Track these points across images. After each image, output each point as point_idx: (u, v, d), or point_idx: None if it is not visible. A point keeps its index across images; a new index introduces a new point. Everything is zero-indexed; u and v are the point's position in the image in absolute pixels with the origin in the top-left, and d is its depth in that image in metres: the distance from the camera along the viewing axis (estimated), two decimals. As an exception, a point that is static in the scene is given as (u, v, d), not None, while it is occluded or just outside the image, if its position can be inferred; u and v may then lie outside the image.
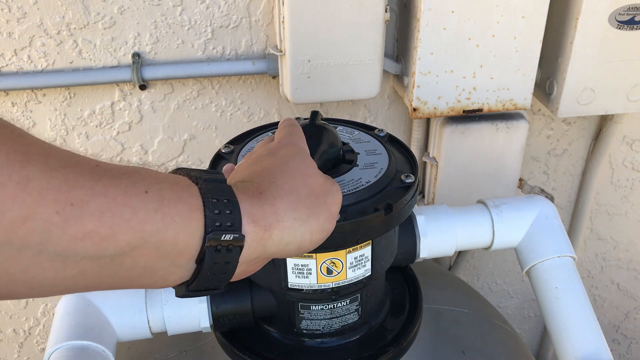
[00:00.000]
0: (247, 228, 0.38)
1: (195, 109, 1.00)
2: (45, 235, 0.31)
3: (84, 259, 0.33)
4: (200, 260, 0.37)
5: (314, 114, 0.55)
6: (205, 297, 0.58)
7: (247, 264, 0.40)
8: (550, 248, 0.66)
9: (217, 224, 0.36)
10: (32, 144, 0.33)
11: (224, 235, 0.36)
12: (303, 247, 0.42)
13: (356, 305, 0.58)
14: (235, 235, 0.37)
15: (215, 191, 0.37)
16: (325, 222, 0.43)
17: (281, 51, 0.88)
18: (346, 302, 0.57)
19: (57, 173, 0.32)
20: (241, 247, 0.38)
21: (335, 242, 0.51)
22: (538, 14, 0.87)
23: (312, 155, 0.48)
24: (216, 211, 0.36)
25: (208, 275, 0.38)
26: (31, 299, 1.14)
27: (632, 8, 0.87)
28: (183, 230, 0.35)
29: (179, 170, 0.39)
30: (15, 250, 0.31)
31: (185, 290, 0.38)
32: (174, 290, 0.40)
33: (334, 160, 0.55)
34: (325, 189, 0.44)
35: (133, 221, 0.33)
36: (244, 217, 0.38)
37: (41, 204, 0.31)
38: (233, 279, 0.40)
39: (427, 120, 1.03)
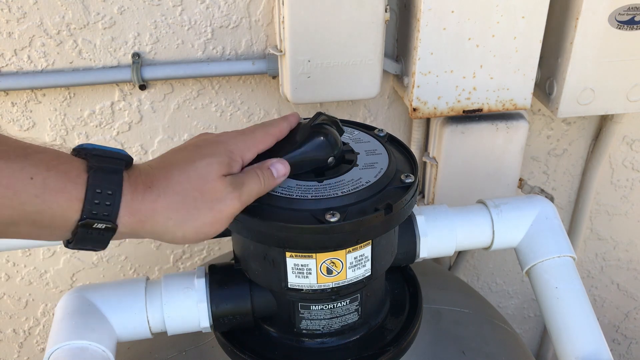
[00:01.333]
0: (123, 219, 0.44)
1: (195, 109, 1.00)
2: None
3: None
4: (74, 234, 0.44)
5: (317, 115, 0.55)
6: (205, 297, 0.58)
7: (121, 236, 0.46)
8: (550, 248, 0.66)
9: (94, 212, 0.43)
10: None
11: (96, 223, 0.43)
12: (175, 241, 0.48)
13: (356, 305, 0.58)
14: (108, 224, 0.43)
15: (103, 183, 0.43)
16: (203, 226, 0.47)
17: (281, 51, 0.88)
18: (346, 302, 0.57)
19: None
20: (114, 230, 0.44)
21: (335, 242, 0.51)
22: (538, 14, 0.87)
23: (285, 154, 0.52)
24: (96, 201, 0.43)
25: (83, 242, 0.44)
26: (31, 300, 1.14)
27: (632, 8, 0.87)
28: (60, 214, 0.42)
29: (81, 151, 0.45)
30: None
31: (66, 243, 0.45)
32: (173, 291, 0.42)
33: (314, 165, 0.54)
34: (219, 196, 0.47)
35: (14, 201, 0.40)
36: (122, 209, 0.44)
37: None
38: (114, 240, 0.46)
39: (427, 120, 1.03)
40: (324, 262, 0.53)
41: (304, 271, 0.53)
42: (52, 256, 1.10)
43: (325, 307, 0.57)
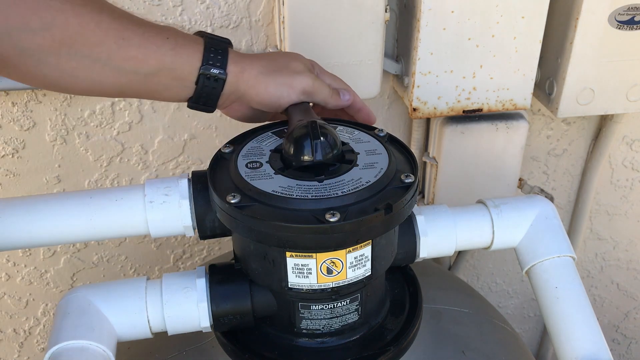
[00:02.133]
0: (230, 67, 0.59)
1: (195, 109, 1.00)
2: (107, 54, 0.54)
3: (130, 73, 0.55)
4: (197, 82, 0.58)
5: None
6: (205, 297, 0.58)
7: (227, 96, 0.61)
8: (550, 248, 0.66)
9: (211, 61, 0.58)
10: (105, 3, 0.55)
11: (212, 69, 0.58)
12: (258, 97, 0.62)
13: (356, 305, 0.58)
14: (220, 71, 0.58)
15: (215, 44, 0.59)
16: (282, 85, 0.61)
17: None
18: (346, 302, 0.58)
19: (117, 20, 0.54)
20: (224, 80, 0.59)
21: (335, 242, 0.51)
22: (538, 14, 0.87)
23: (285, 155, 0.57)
24: (211, 55, 0.58)
25: (202, 95, 0.59)
26: (31, 299, 1.14)
27: (632, 8, 0.87)
28: (187, 62, 0.57)
29: (198, 33, 0.61)
30: (93, 61, 0.54)
31: (189, 103, 0.61)
32: (173, 291, 0.42)
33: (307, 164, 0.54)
34: (298, 71, 0.63)
35: (157, 53, 0.56)
36: (230, 59, 0.59)
37: (107, 36, 0.53)
38: (219, 108, 0.63)
39: (427, 120, 1.03)
40: (324, 262, 0.53)
41: (304, 271, 0.53)
42: (53, 256, 1.10)
43: (325, 307, 0.57)
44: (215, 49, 0.59)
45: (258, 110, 0.65)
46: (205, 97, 0.60)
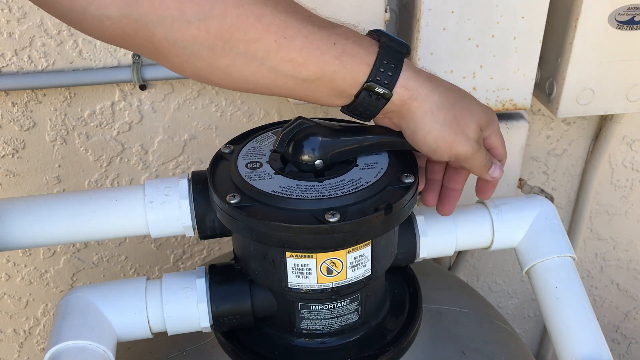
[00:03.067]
0: (398, 89, 0.51)
1: (195, 109, 1.00)
2: (265, 53, 0.48)
3: (286, 76, 0.50)
4: (357, 95, 0.52)
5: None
6: (205, 297, 0.58)
7: (385, 113, 0.54)
8: (550, 248, 0.66)
9: (378, 78, 0.51)
10: (267, 1, 0.48)
11: (377, 87, 0.51)
12: (415, 136, 0.54)
13: (356, 305, 0.58)
14: (386, 91, 0.51)
15: (389, 56, 0.51)
16: (442, 138, 0.53)
17: (281, 51, 0.88)
18: (346, 302, 0.57)
19: (280, 15, 0.48)
20: (387, 99, 0.52)
21: (335, 242, 0.51)
22: (538, 14, 0.87)
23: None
24: (381, 69, 0.51)
25: (359, 107, 0.53)
26: (31, 299, 1.14)
27: (632, 8, 0.87)
28: (351, 75, 0.51)
29: (375, 33, 0.53)
30: (249, 59, 0.49)
31: (344, 110, 0.54)
32: (173, 291, 0.41)
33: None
34: (468, 133, 0.55)
35: (319, 59, 0.49)
36: (401, 80, 0.51)
37: (267, 33, 0.48)
38: (374, 121, 0.56)
39: (427, 120, 1.03)
40: (324, 262, 0.53)
41: (304, 271, 0.53)
42: (52, 256, 1.10)
43: (325, 307, 0.57)
44: (388, 61, 0.51)
45: None
46: (361, 110, 0.53)
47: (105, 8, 0.45)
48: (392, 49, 0.52)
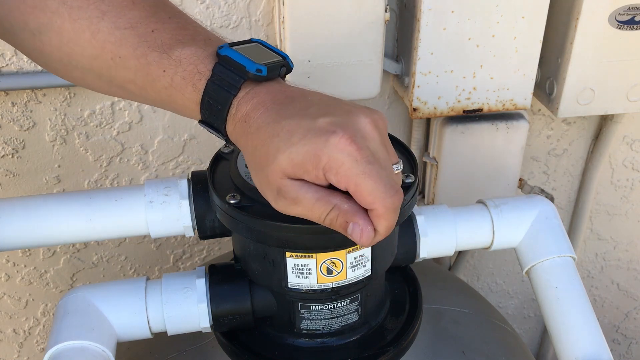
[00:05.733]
0: (229, 131, 0.47)
1: (195, 109, 0.99)
2: (106, 71, 0.46)
3: (132, 94, 0.48)
4: (200, 121, 0.48)
5: None
6: (205, 297, 0.58)
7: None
8: (550, 248, 0.66)
9: (209, 120, 0.47)
10: (114, 3, 0.45)
11: (211, 130, 0.47)
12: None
13: (356, 305, 0.58)
14: (218, 134, 0.47)
15: (215, 96, 0.45)
16: (259, 184, 0.46)
17: (281, 51, 0.88)
18: (346, 302, 0.57)
19: (118, 30, 0.44)
20: (227, 137, 0.47)
21: (335, 242, 0.51)
22: (538, 14, 0.87)
23: None
24: (208, 111, 0.46)
25: (210, 130, 0.47)
26: (31, 299, 1.14)
27: (632, 8, 0.87)
28: (185, 109, 0.47)
29: (219, 54, 0.45)
30: (95, 76, 0.47)
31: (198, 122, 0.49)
32: (173, 291, 0.42)
33: None
34: (272, 188, 0.45)
35: (154, 86, 0.46)
36: (228, 124, 0.46)
37: (103, 51, 0.45)
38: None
39: (427, 120, 1.03)
40: (324, 262, 0.53)
41: (304, 271, 0.53)
42: (52, 256, 1.10)
43: (325, 307, 0.57)
44: (213, 102, 0.45)
45: None
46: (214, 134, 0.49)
47: None
48: (221, 85, 0.45)
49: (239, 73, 0.44)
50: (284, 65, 0.48)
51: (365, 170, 0.40)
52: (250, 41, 0.49)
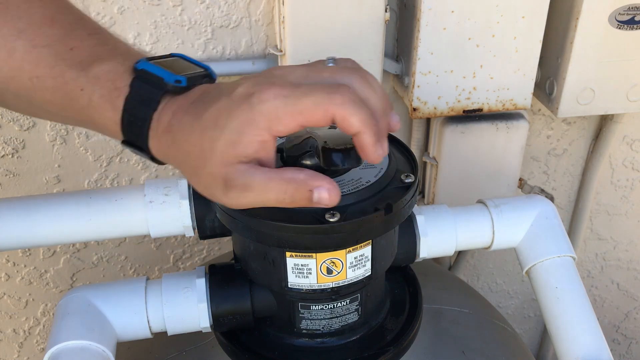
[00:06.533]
0: (152, 148, 0.45)
1: (195, 109, 0.99)
2: (25, 92, 0.44)
3: (55, 115, 0.47)
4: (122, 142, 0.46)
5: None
6: (205, 297, 0.58)
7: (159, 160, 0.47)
8: (550, 248, 0.66)
9: (131, 139, 0.45)
10: (34, 17, 0.44)
11: (134, 150, 0.46)
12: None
13: (356, 305, 0.58)
14: (141, 153, 0.46)
15: (135, 112, 0.44)
16: (204, 191, 0.46)
17: (281, 51, 0.88)
18: (346, 302, 0.57)
19: (36, 49, 0.43)
20: (151, 155, 0.46)
21: (335, 242, 0.51)
22: (538, 14, 0.87)
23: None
24: (129, 128, 0.44)
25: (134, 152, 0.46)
26: (31, 299, 1.14)
27: (632, 8, 0.87)
28: (107, 129, 0.45)
29: (137, 68, 0.44)
30: (15, 96, 0.45)
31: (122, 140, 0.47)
32: (173, 291, 0.42)
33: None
34: (215, 188, 0.44)
35: (73, 106, 0.44)
36: (151, 139, 0.45)
37: (20, 71, 0.43)
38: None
39: (427, 120, 1.03)
40: (324, 262, 0.53)
41: (304, 271, 0.53)
42: (52, 256, 1.10)
43: (325, 307, 0.57)
44: (134, 118, 0.43)
45: None
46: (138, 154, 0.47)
47: None
48: (140, 100, 0.43)
49: (157, 86, 0.43)
50: (206, 76, 0.46)
51: (298, 94, 0.39)
52: (171, 55, 0.47)
